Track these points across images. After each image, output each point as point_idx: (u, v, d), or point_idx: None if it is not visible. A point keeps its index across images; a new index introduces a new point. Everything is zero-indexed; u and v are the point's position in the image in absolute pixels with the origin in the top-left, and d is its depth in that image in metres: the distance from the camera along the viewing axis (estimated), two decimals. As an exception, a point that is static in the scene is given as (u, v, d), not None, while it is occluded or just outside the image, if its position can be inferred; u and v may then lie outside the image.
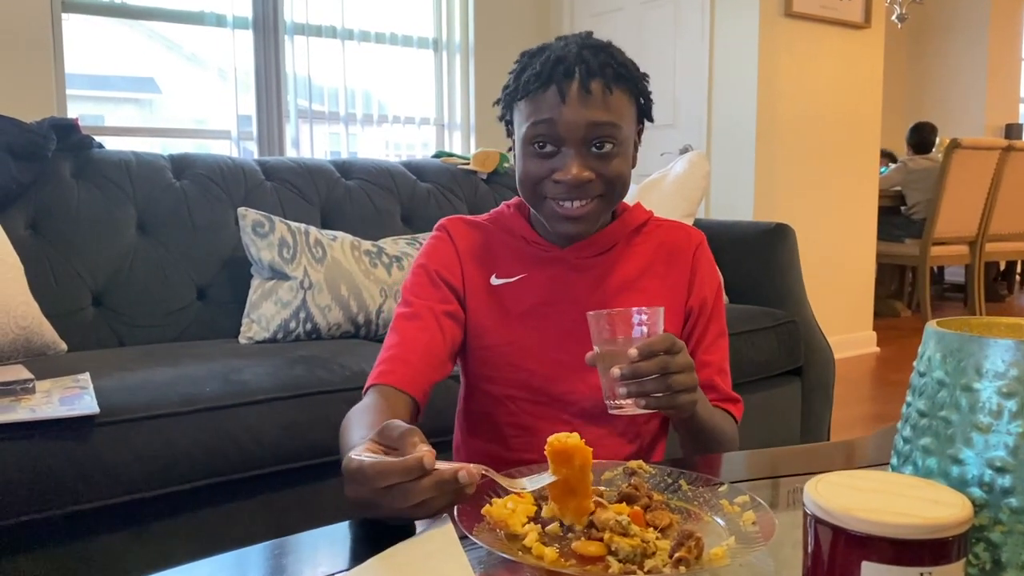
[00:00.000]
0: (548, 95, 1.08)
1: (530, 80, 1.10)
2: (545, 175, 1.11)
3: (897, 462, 0.64)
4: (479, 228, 1.24)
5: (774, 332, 2.36)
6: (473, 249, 1.23)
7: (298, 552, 0.81)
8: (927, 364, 0.62)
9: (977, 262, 5.43)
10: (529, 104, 1.11)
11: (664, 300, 1.20)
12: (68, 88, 3.61)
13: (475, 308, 1.20)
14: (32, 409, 1.34)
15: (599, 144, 1.09)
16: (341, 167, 2.53)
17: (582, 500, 0.79)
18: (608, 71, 1.09)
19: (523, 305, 1.19)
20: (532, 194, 1.14)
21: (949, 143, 5.07)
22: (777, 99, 3.96)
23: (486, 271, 1.21)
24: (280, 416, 1.57)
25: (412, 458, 0.74)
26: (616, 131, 1.09)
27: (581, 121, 1.07)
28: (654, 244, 1.24)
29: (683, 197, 2.60)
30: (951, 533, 0.50)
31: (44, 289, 1.89)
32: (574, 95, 1.07)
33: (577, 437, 0.79)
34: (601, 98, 1.08)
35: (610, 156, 1.10)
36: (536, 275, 1.20)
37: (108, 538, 1.42)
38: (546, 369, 1.18)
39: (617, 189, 1.13)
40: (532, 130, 1.10)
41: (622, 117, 1.10)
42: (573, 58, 1.09)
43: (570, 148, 1.09)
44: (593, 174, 1.09)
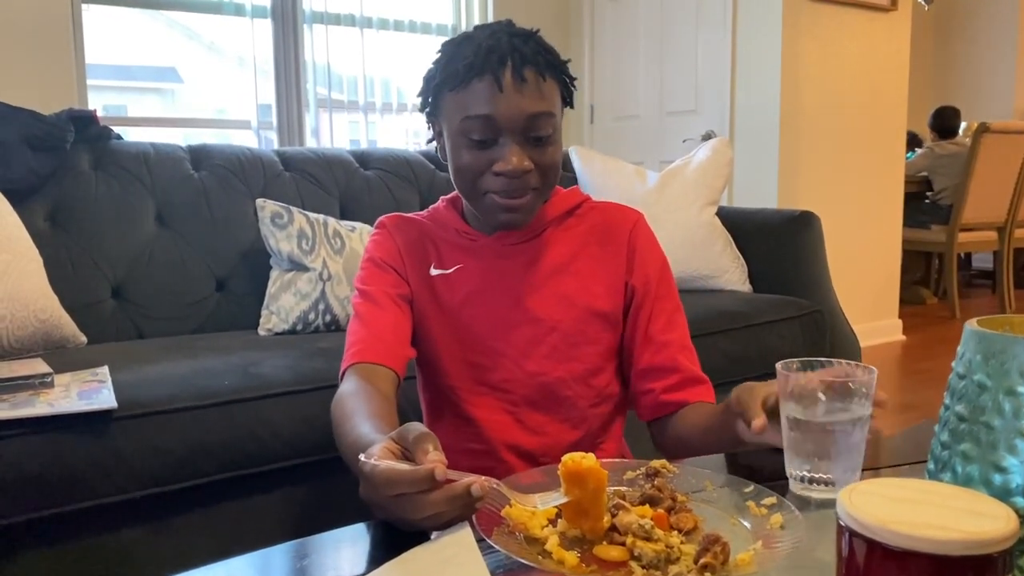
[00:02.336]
0: (483, 86, 1.07)
1: (460, 70, 1.08)
2: (484, 168, 1.10)
3: (935, 468, 0.61)
4: (415, 223, 1.26)
5: (799, 322, 2.32)
6: (411, 242, 1.24)
7: (317, 554, 0.80)
8: (967, 366, 0.59)
9: (1006, 248, 5.34)
10: (461, 95, 1.09)
11: (599, 280, 1.22)
12: (89, 79, 3.61)
13: (417, 299, 1.22)
14: (50, 403, 1.34)
15: (537, 136, 1.09)
16: (359, 157, 2.51)
17: (595, 523, 0.76)
18: (540, 59, 1.09)
19: (459, 295, 1.21)
20: (471, 188, 1.13)
21: (978, 127, 4.97)
22: (801, 84, 3.90)
23: (424, 263, 1.23)
24: (299, 409, 1.56)
25: (423, 469, 0.73)
26: (551, 120, 1.09)
27: (519, 111, 1.07)
28: (587, 226, 1.25)
29: (706, 184, 2.56)
30: (996, 548, 0.47)
31: (63, 282, 1.89)
32: (509, 85, 1.06)
33: (592, 459, 0.76)
34: (536, 87, 1.08)
35: (546, 144, 1.10)
36: (470, 265, 1.21)
37: (126, 533, 1.41)
38: (483, 359, 1.20)
39: (551, 178, 1.14)
40: (468, 123, 1.08)
41: (555, 105, 1.11)
42: (505, 47, 1.07)
43: (508, 139, 1.08)
44: (531, 164, 1.09)
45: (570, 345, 1.20)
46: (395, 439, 0.81)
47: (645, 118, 4.50)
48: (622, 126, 4.64)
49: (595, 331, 1.21)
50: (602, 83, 4.73)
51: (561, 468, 0.76)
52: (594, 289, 1.22)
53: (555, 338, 1.19)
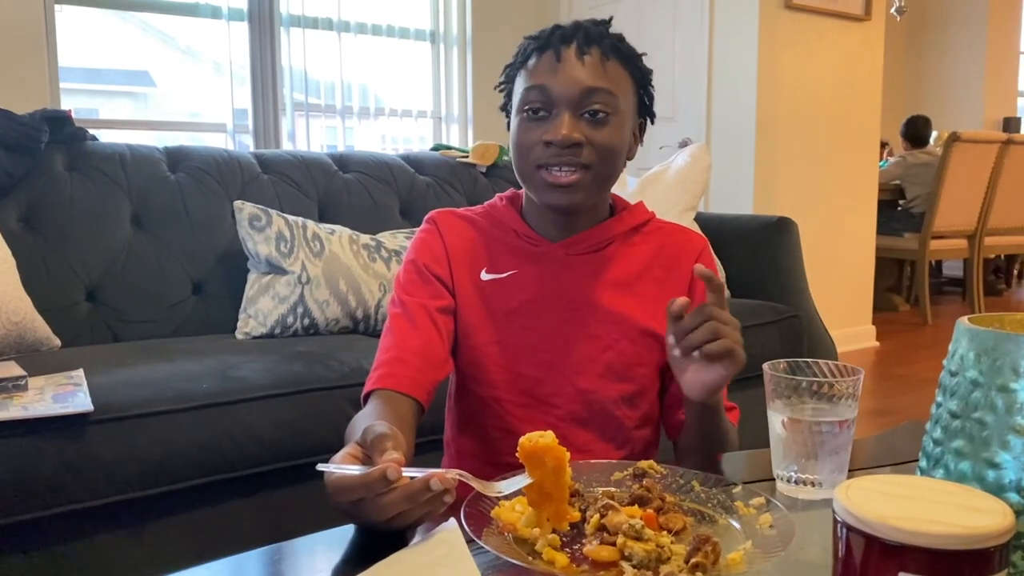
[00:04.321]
0: (544, 60, 1.07)
1: (528, 48, 1.10)
2: (537, 140, 1.07)
3: (927, 465, 0.62)
4: (469, 221, 1.20)
5: (776, 327, 2.34)
6: (462, 243, 1.18)
7: (297, 557, 0.79)
8: (959, 363, 0.59)
9: (976, 256, 5.41)
10: (526, 72, 1.09)
11: (659, 304, 1.13)
12: (62, 81, 3.57)
13: (464, 305, 1.16)
14: (24, 407, 1.31)
15: (592, 111, 1.06)
16: (339, 160, 2.50)
17: (558, 505, 0.75)
18: (606, 42, 1.08)
19: (512, 302, 1.15)
20: (524, 162, 1.10)
21: (948, 136, 5.05)
22: (777, 92, 3.93)
23: (475, 266, 1.17)
24: (278, 413, 1.54)
25: (374, 471, 0.72)
26: (611, 99, 1.07)
27: (575, 84, 1.05)
28: (653, 246, 1.20)
29: (684, 190, 2.58)
30: (993, 543, 0.47)
31: (37, 284, 1.86)
32: (570, 58, 1.06)
33: (551, 436, 0.75)
34: (598, 63, 1.07)
35: (602, 123, 1.07)
36: (527, 271, 1.15)
37: (103, 538, 1.39)
38: (533, 370, 1.14)
39: (607, 162, 1.09)
40: (526, 95, 1.08)
41: (618, 88, 1.08)
42: (572, 26, 1.09)
43: (563, 111, 1.06)
44: (583, 137, 1.06)
45: (625, 365, 1.15)
46: (359, 443, 0.80)
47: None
48: (599, 133, 4.65)
49: (649, 353, 1.16)
50: (579, 90, 4.74)
51: (519, 449, 0.75)
52: (654, 312, 1.15)
53: (610, 356, 1.14)
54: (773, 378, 0.89)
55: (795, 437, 0.86)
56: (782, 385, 0.88)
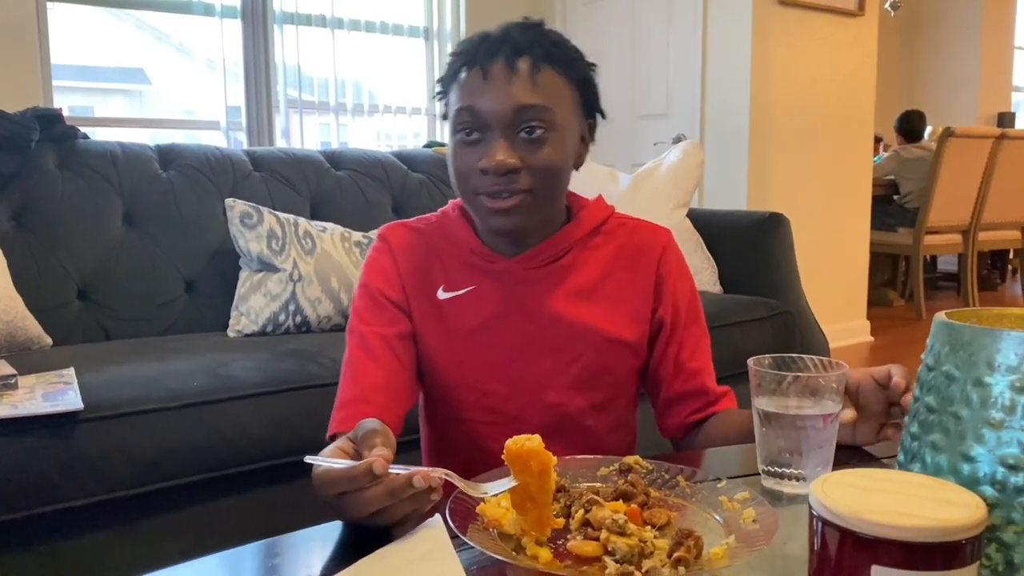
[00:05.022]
0: (472, 77, 1.01)
1: (455, 63, 1.03)
2: (473, 166, 1.02)
3: (904, 459, 0.62)
4: (422, 235, 1.15)
5: (769, 322, 2.34)
6: (416, 261, 1.13)
7: (288, 553, 0.79)
8: (936, 358, 0.60)
9: (970, 251, 5.42)
10: (456, 88, 1.03)
11: (625, 309, 1.14)
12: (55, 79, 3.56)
13: (422, 326, 1.12)
14: (14, 405, 1.32)
15: (528, 129, 1.00)
16: (331, 157, 2.50)
17: (542, 510, 0.74)
18: (537, 49, 1.00)
19: (472, 320, 1.10)
20: (464, 190, 1.05)
21: (942, 132, 5.05)
22: (771, 88, 3.94)
23: (431, 284, 1.12)
24: (269, 411, 1.54)
25: (361, 465, 0.72)
26: (546, 115, 1.00)
27: (505, 103, 0.99)
28: (615, 246, 1.15)
29: (677, 186, 2.58)
30: (965, 535, 0.48)
31: (28, 282, 1.86)
32: (498, 74, 0.99)
33: (538, 440, 0.75)
34: (528, 78, 0.99)
35: (539, 143, 1.00)
36: (485, 287, 1.11)
37: (93, 537, 1.39)
38: (499, 388, 1.10)
39: (548, 183, 1.03)
40: (458, 117, 1.02)
41: (554, 101, 1.01)
42: (498, 36, 1.01)
43: (496, 133, 1.00)
44: (519, 161, 1.00)
45: (592, 375, 1.12)
46: (350, 438, 0.80)
47: (617, 121, 4.52)
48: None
49: (617, 361, 1.14)
50: (574, 86, 4.74)
51: (505, 451, 0.75)
52: (620, 318, 1.13)
53: (577, 369, 1.11)
54: (757, 373, 0.89)
55: (779, 432, 0.87)
56: (766, 380, 0.88)
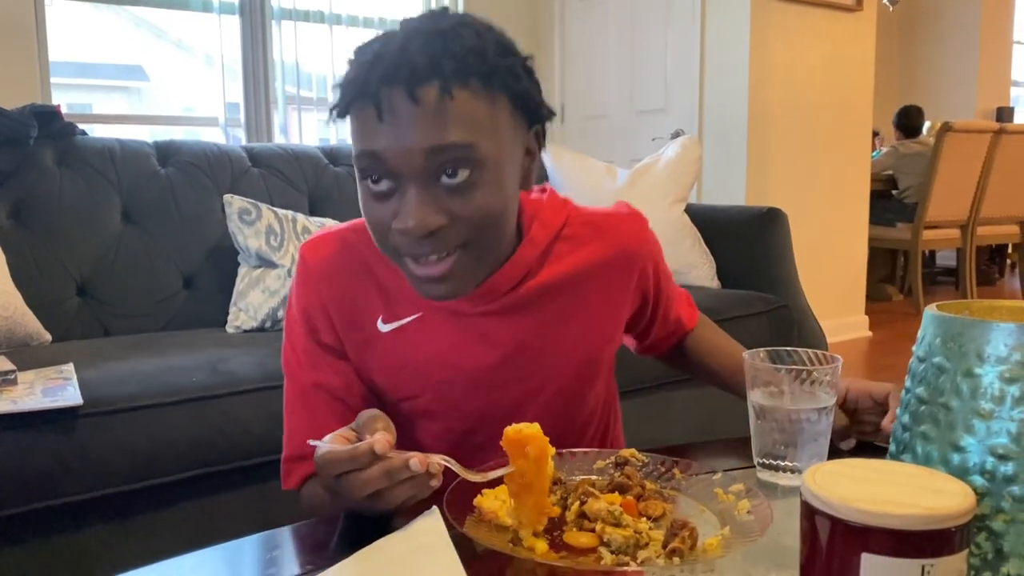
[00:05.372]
0: (367, 115, 0.80)
1: (345, 91, 0.82)
2: (388, 222, 0.83)
3: (896, 450, 0.63)
4: (352, 252, 0.96)
5: (767, 317, 2.35)
6: (344, 290, 0.95)
7: (287, 545, 0.80)
8: (927, 349, 0.60)
9: (968, 246, 5.42)
10: (353, 124, 0.83)
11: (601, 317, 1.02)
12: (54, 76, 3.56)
13: (362, 363, 0.97)
14: (14, 401, 1.32)
15: (450, 174, 0.80)
16: (329, 153, 2.50)
17: (538, 498, 0.74)
18: (446, 66, 0.78)
19: (419, 352, 0.95)
20: (383, 246, 0.87)
21: (941, 127, 5.05)
22: (769, 83, 3.94)
23: (368, 313, 0.95)
24: (268, 406, 1.54)
25: (362, 445, 0.72)
26: (469, 152, 0.80)
27: (412, 148, 0.79)
28: (583, 254, 0.99)
29: (675, 182, 2.58)
30: (953, 523, 0.48)
31: (27, 279, 1.86)
32: (399, 109, 0.78)
33: (537, 427, 0.74)
34: (437, 109, 0.78)
35: (467, 188, 0.81)
36: (430, 316, 0.95)
37: (93, 532, 1.40)
38: (460, 424, 0.98)
39: (487, 232, 0.85)
40: (359, 162, 0.83)
41: (478, 131, 0.80)
42: (394, 55, 0.79)
43: (408, 185, 0.80)
44: (444, 217, 0.81)
45: (565, 400, 1.01)
46: (352, 428, 0.81)
47: (615, 117, 4.52)
48: (592, 125, 4.65)
49: (596, 373, 1.05)
50: (572, 82, 4.74)
51: (504, 437, 0.75)
52: (594, 333, 1.01)
53: (547, 396, 1.00)
54: (752, 366, 0.90)
55: (774, 424, 0.87)
56: (761, 373, 0.89)
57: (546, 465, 0.75)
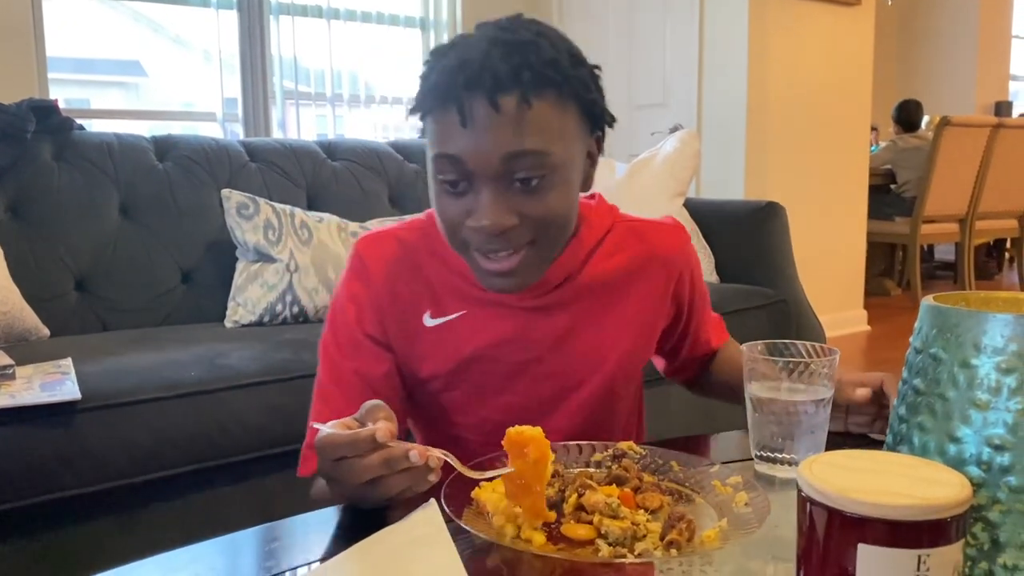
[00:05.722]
0: (449, 120, 0.84)
1: (428, 95, 0.87)
2: (461, 219, 0.89)
3: (893, 441, 0.63)
4: (406, 250, 1.01)
5: (765, 311, 2.35)
6: (397, 286, 1.00)
7: (286, 537, 0.80)
8: (923, 340, 0.60)
9: (967, 240, 5.43)
10: (432, 126, 0.88)
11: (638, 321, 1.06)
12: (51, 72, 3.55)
13: (406, 356, 1.01)
14: (12, 395, 1.32)
15: (523, 179, 0.86)
16: (327, 148, 2.50)
17: (535, 500, 0.74)
18: (526, 76, 0.83)
19: (464, 348, 0.99)
20: (453, 240, 0.93)
21: (939, 121, 5.05)
22: (767, 78, 3.94)
23: (416, 309, 1.00)
24: (267, 400, 1.55)
25: (363, 431, 0.73)
26: (543, 159, 0.86)
27: (492, 153, 0.84)
28: (625, 257, 1.04)
29: (673, 176, 2.58)
30: (949, 514, 0.48)
31: (25, 273, 1.86)
32: (480, 117, 0.83)
33: (539, 430, 0.74)
34: (516, 118, 0.83)
35: (539, 192, 0.87)
36: (476, 313, 1.00)
37: (92, 526, 1.40)
38: (498, 415, 1.00)
39: (553, 232, 0.91)
40: (437, 164, 0.88)
41: (551, 138, 0.86)
42: (478, 63, 0.83)
43: (483, 186, 0.86)
44: (516, 217, 0.87)
45: (598, 400, 1.04)
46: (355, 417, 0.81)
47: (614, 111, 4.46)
48: (591, 119, 4.65)
49: (629, 376, 1.08)
50: (570, 76, 4.74)
51: (505, 438, 0.75)
52: (630, 336, 1.04)
53: (586, 393, 1.03)
54: (750, 359, 0.90)
55: (772, 417, 0.87)
56: (759, 365, 0.89)
57: (545, 469, 0.75)
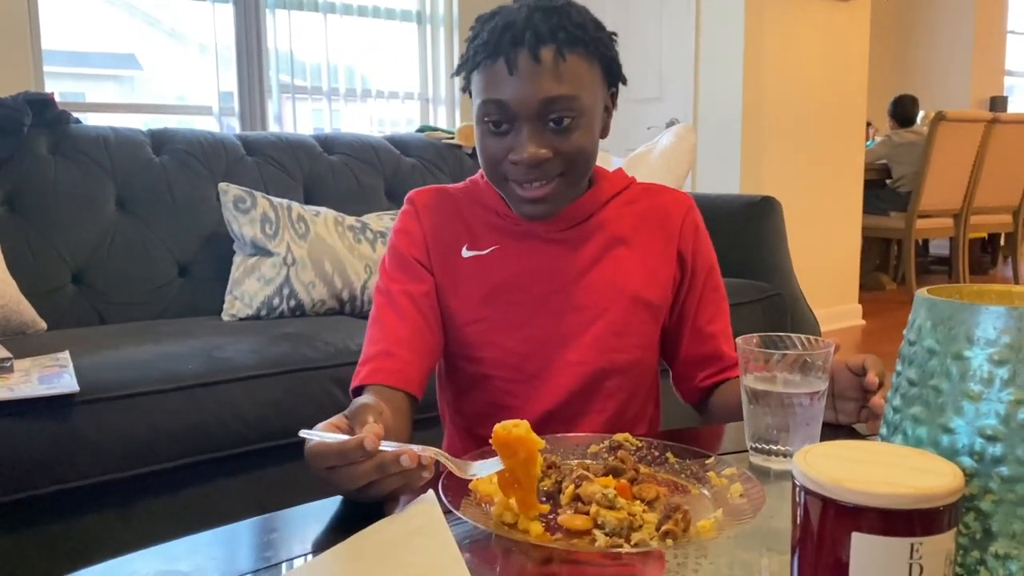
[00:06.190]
0: (496, 68, 1.01)
1: (479, 50, 1.03)
2: (502, 155, 1.04)
3: (887, 432, 0.63)
4: (449, 198, 1.18)
5: (760, 305, 2.36)
6: (441, 221, 1.16)
7: (284, 528, 0.80)
8: (917, 332, 0.61)
9: (962, 235, 5.44)
10: (480, 77, 1.04)
11: (648, 269, 1.16)
12: (46, 65, 3.54)
13: (445, 285, 1.14)
14: (10, 388, 1.32)
15: (556, 119, 1.02)
16: (324, 142, 2.50)
17: (527, 495, 0.75)
18: (560, 35, 1.00)
19: (494, 279, 1.13)
20: (493, 175, 1.08)
21: (934, 116, 5.06)
22: (764, 72, 3.94)
23: (456, 244, 1.15)
24: (264, 393, 1.56)
25: (352, 440, 0.74)
26: (574, 103, 1.02)
27: (533, 97, 1.00)
28: (638, 210, 1.18)
29: (669, 170, 2.58)
30: (942, 503, 0.49)
31: (22, 267, 1.86)
32: (523, 67, 1.00)
33: (525, 427, 0.76)
34: (553, 68, 1.00)
35: (569, 131, 1.03)
36: (508, 247, 1.13)
37: (90, 518, 1.40)
38: (520, 346, 1.12)
39: (579, 165, 1.07)
40: (483, 108, 1.03)
41: (580, 86, 1.02)
42: (521, 24, 1.00)
43: (524, 125, 1.02)
44: (550, 152, 1.02)
45: (614, 334, 1.13)
46: (344, 415, 0.82)
47: (610, 105, 4.52)
48: (587, 114, 4.65)
49: (640, 321, 1.15)
50: (567, 71, 4.74)
51: (493, 437, 0.76)
52: (642, 278, 1.15)
53: (600, 327, 1.12)
54: (745, 351, 0.90)
55: (767, 409, 0.88)
56: (754, 358, 0.90)
57: (535, 465, 0.76)
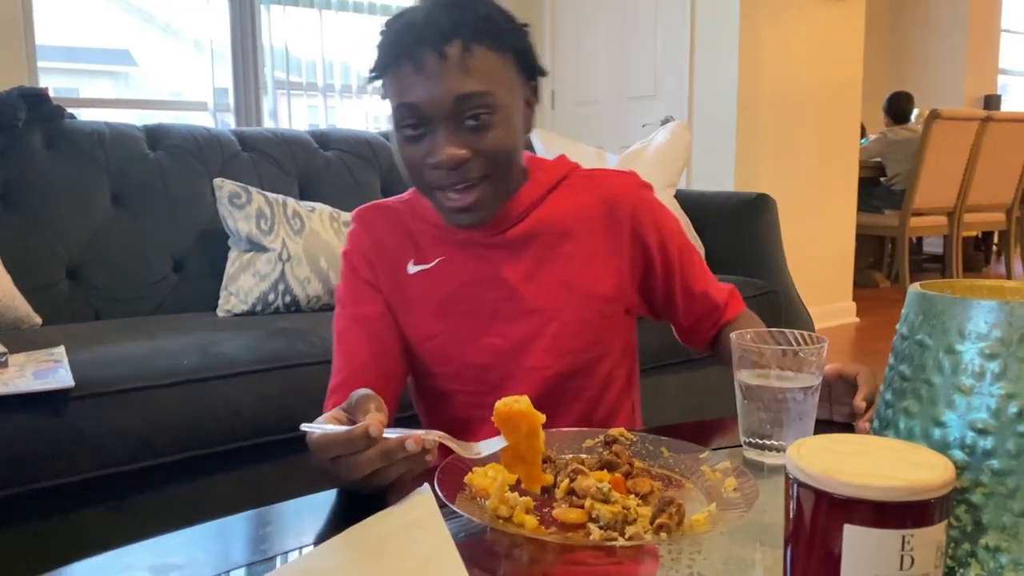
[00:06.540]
0: (404, 71, 0.98)
1: (384, 54, 1.00)
2: (422, 160, 1.00)
3: (879, 426, 0.64)
4: (394, 214, 1.15)
5: (755, 302, 2.35)
6: (385, 239, 1.13)
7: (280, 522, 0.81)
8: (910, 327, 0.61)
9: (955, 233, 5.45)
10: (391, 82, 1.01)
11: (599, 261, 1.12)
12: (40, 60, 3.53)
13: (395, 303, 1.12)
14: (5, 383, 1.32)
15: (473, 116, 0.98)
16: (319, 137, 2.50)
17: (531, 468, 0.77)
18: (465, 29, 0.96)
19: (442, 292, 1.10)
20: (419, 183, 1.05)
21: (928, 114, 5.07)
22: (758, 69, 3.95)
23: (402, 260, 1.12)
24: (259, 389, 1.56)
25: (357, 428, 0.74)
26: (488, 99, 0.98)
27: (444, 96, 0.96)
28: (580, 202, 1.13)
29: (664, 168, 2.59)
30: (933, 495, 0.49)
31: (16, 262, 1.86)
32: (430, 66, 0.96)
33: (526, 402, 0.77)
34: (461, 64, 0.96)
35: (486, 128, 0.99)
36: (453, 258, 1.10)
37: (86, 513, 1.40)
38: (479, 358, 1.10)
39: (502, 165, 1.02)
40: (397, 114, 1.00)
41: (493, 81, 0.99)
42: (423, 21, 0.97)
43: (438, 126, 0.98)
44: (468, 152, 0.98)
45: (571, 335, 1.10)
46: (343, 408, 0.83)
47: (605, 103, 4.52)
48: (583, 111, 4.66)
49: (598, 318, 1.12)
50: (563, 69, 4.74)
51: (494, 413, 0.77)
52: (594, 271, 1.12)
53: (554, 328, 1.09)
54: (739, 347, 0.91)
55: (760, 404, 0.89)
56: (748, 353, 0.90)
57: (537, 439, 0.78)
